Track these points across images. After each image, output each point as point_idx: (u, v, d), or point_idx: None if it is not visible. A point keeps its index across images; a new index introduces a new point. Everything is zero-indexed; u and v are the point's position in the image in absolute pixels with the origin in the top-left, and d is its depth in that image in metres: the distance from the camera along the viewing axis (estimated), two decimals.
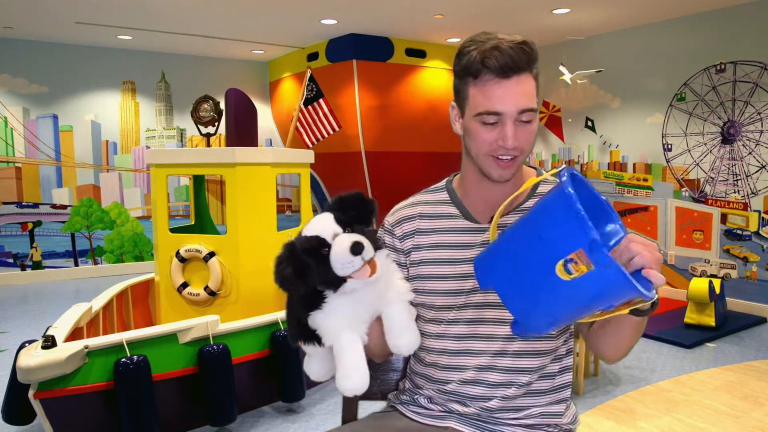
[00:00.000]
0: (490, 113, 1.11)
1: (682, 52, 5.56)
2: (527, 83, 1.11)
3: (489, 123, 1.12)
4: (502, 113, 1.10)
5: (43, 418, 2.41)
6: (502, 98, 1.10)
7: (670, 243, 5.77)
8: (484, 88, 1.11)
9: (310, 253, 1.02)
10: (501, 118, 1.11)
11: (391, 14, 5.58)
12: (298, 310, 1.12)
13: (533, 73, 1.12)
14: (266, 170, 3.58)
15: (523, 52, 1.08)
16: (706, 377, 3.66)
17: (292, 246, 1.05)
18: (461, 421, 1.22)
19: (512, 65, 1.08)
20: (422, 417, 1.27)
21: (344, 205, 1.08)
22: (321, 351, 1.13)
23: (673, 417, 3.08)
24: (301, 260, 1.02)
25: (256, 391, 3.09)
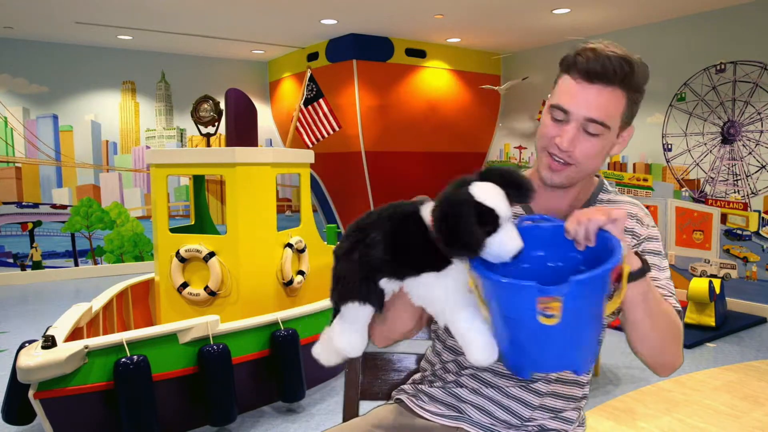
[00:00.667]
0: (559, 108, 1.11)
1: (682, 52, 5.56)
2: (611, 97, 1.08)
3: (557, 119, 1.12)
4: (569, 112, 1.09)
5: (43, 418, 2.41)
6: (576, 98, 1.09)
7: (670, 243, 5.78)
8: (566, 84, 1.11)
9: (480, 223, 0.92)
10: (567, 117, 1.10)
11: (391, 14, 5.58)
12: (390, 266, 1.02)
13: (626, 92, 1.09)
14: (266, 170, 3.58)
15: (619, 66, 1.06)
16: (706, 377, 3.66)
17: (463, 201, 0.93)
18: (474, 425, 1.21)
19: (600, 72, 1.06)
20: (435, 416, 1.24)
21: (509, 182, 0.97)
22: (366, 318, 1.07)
23: (673, 417, 3.09)
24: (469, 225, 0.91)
25: (256, 391, 3.09)
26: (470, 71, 7.19)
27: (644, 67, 1.11)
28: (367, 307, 1.06)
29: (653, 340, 1.07)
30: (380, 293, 1.06)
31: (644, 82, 1.12)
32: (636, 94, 1.11)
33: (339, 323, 1.11)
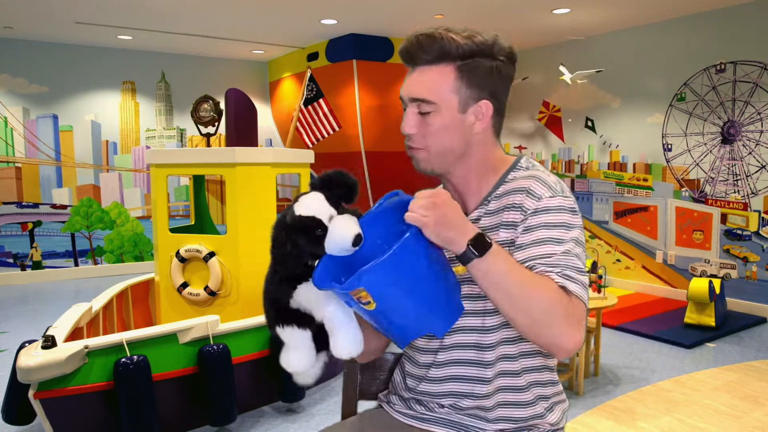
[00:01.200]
0: (401, 99, 1.16)
1: (682, 52, 5.56)
2: (434, 74, 1.11)
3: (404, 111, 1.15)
4: (403, 99, 1.15)
5: (43, 418, 2.41)
6: (405, 84, 1.15)
7: (670, 243, 5.78)
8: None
9: (306, 233, 1.03)
10: (405, 105, 1.15)
11: (391, 14, 5.58)
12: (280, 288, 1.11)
13: (452, 64, 1.10)
14: (266, 170, 3.58)
15: (428, 42, 1.09)
16: (706, 377, 3.66)
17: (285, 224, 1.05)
18: (445, 425, 1.22)
19: (412, 53, 1.12)
20: (407, 418, 1.28)
21: (332, 183, 1.09)
22: (300, 337, 1.12)
23: (673, 417, 3.09)
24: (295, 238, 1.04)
25: (256, 391, 3.09)
26: None
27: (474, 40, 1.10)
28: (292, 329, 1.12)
29: (521, 320, 1.01)
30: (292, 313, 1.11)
31: (476, 51, 1.10)
32: (470, 70, 1.10)
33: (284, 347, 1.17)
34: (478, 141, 1.17)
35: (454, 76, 1.11)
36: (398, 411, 1.31)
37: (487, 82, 1.13)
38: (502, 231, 1.13)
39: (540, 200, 1.10)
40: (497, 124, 1.19)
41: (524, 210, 1.11)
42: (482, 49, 1.11)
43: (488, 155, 1.19)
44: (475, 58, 1.11)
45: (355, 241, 1.02)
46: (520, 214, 1.11)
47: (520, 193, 1.13)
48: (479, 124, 1.15)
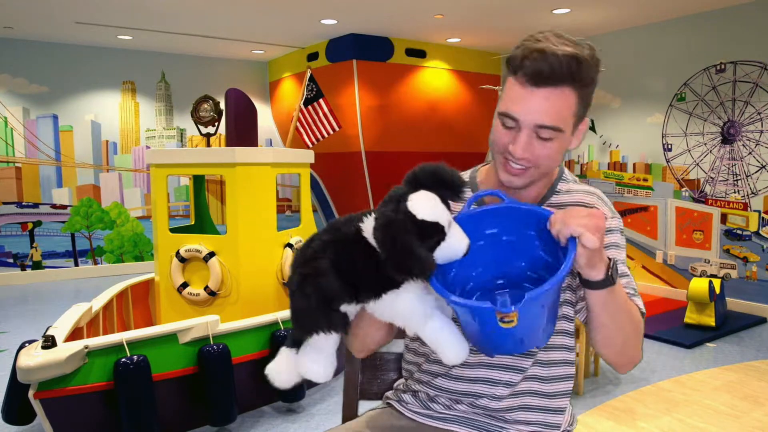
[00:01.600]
0: (508, 116, 1.06)
1: (682, 52, 5.56)
2: (560, 99, 1.03)
3: (508, 126, 1.08)
4: (519, 120, 1.05)
5: (43, 418, 2.41)
6: (525, 105, 1.04)
7: (670, 243, 5.78)
8: (514, 89, 1.06)
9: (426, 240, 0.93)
10: (518, 125, 1.06)
11: (391, 14, 5.58)
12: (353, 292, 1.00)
13: (576, 89, 1.04)
14: (266, 170, 3.58)
15: (567, 64, 1.00)
16: (706, 377, 3.66)
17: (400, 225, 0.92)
18: (464, 424, 1.22)
19: (548, 75, 1.01)
20: (423, 417, 1.26)
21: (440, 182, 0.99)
22: (333, 343, 1.07)
23: (673, 417, 3.08)
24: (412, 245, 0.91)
25: (256, 391, 3.09)
26: (470, 71, 7.19)
27: (593, 56, 1.05)
28: (332, 335, 1.05)
29: (616, 341, 1.08)
30: (343, 318, 1.04)
31: (596, 73, 1.07)
32: (587, 89, 1.07)
33: (308, 352, 1.09)
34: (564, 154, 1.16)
35: (576, 100, 1.05)
36: (412, 410, 1.28)
37: (591, 100, 1.10)
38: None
39: (606, 220, 1.12)
40: None
41: None
42: (597, 68, 1.07)
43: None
44: (594, 83, 1.07)
45: (466, 252, 0.97)
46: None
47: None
48: (576, 141, 1.12)
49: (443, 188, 0.99)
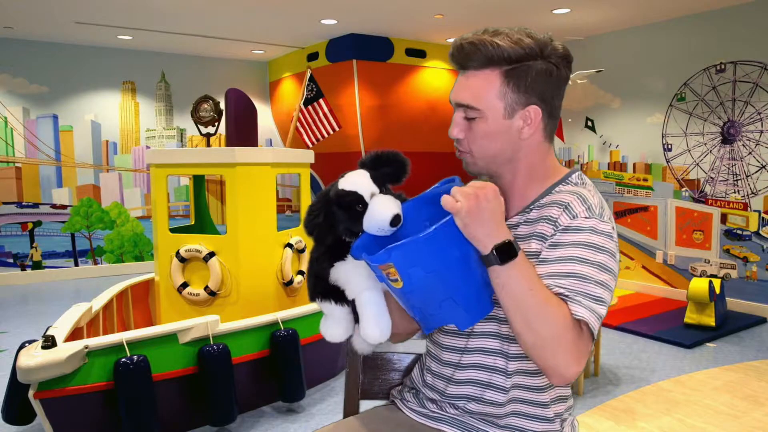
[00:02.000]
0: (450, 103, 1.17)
1: (682, 52, 5.56)
2: (479, 80, 1.10)
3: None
4: (452, 102, 1.15)
5: (43, 418, 2.41)
6: (454, 88, 1.15)
7: (670, 243, 5.78)
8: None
9: (345, 207, 1.05)
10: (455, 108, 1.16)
11: (391, 14, 5.58)
12: (321, 262, 1.14)
13: (499, 70, 1.08)
14: (266, 170, 3.58)
15: (476, 48, 1.08)
16: (706, 377, 3.66)
17: (326, 196, 1.08)
18: (453, 423, 1.23)
19: (461, 58, 1.11)
20: (419, 416, 1.28)
21: (380, 162, 1.11)
22: (338, 311, 1.16)
23: (673, 417, 3.08)
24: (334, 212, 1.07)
25: (256, 391, 3.09)
26: None
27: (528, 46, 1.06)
28: (330, 303, 1.16)
29: (526, 338, 1.00)
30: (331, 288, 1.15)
31: (524, 55, 1.07)
32: (513, 68, 1.07)
33: (323, 317, 1.22)
34: (528, 145, 1.14)
35: (500, 81, 1.09)
36: (410, 408, 1.30)
37: (535, 86, 1.10)
38: (533, 241, 1.11)
39: (575, 218, 1.08)
40: (548, 129, 1.16)
41: (557, 225, 1.08)
42: (530, 53, 1.08)
43: (539, 161, 1.17)
44: (523, 63, 1.08)
45: (393, 222, 1.04)
46: (552, 228, 1.09)
47: (558, 206, 1.10)
48: (528, 129, 1.12)
49: (383, 167, 1.11)
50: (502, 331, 1.15)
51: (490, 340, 1.17)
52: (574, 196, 1.11)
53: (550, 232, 1.09)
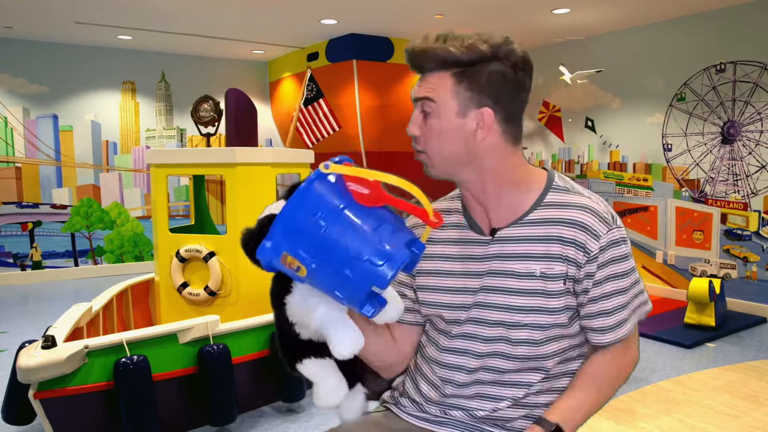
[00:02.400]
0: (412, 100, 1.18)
1: (682, 52, 5.56)
2: (434, 78, 1.13)
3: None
4: (411, 99, 1.18)
5: (43, 418, 2.41)
6: (413, 88, 1.18)
7: (670, 243, 5.78)
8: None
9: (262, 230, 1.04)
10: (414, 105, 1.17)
11: (391, 14, 5.58)
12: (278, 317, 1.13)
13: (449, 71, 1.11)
14: (266, 170, 3.58)
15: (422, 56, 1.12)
16: (706, 377, 3.66)
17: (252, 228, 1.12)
18: (456, 426, 1.22)
19: (413, 65, 1.15)
20: (419, 420, 1.26)
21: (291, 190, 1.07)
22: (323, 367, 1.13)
23: (673, 417, 3.08)
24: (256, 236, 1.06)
25: (256, 391, 3.08)
26: None
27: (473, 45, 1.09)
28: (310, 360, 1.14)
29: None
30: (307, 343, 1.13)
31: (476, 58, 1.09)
32: (464, 71, 1.10)
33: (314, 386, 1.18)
34: (486, 149, 1.14)
35: (452, 81, 1.11)
36: (409, 413, 1.29)
37: (489, 88, 1.10)
38: (557, 264, 1.14)
39: (599, 238, 1.13)
40: (510, 133, 1.15)
41: (587, 251, 1.13)
42: (482, 58, 1.09)
43: (505, 166, 1.16)
44: (475, 66, 1.09)
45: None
46: (581, 254, 1.13)
47: (573, 227, 1.13)
48: (482, 132, 1.12)
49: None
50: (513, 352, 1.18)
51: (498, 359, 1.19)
52: (584, 212, 1.14)
53: (581, 259, 1.13)
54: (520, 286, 1.14)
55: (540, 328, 1.15)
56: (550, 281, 1.13)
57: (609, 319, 1.16)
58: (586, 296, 1.15)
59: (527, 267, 1.14)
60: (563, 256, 1.13)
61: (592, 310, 1.16)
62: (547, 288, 1.13)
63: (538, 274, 1.13)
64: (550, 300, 1.13)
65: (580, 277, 1.14)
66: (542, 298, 1.13)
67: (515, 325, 1.15)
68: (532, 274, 1.14)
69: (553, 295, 1.13)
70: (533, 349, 1.16)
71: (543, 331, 1.15)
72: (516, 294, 1.15)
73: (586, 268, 1.13)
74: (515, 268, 1.15)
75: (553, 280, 1.13)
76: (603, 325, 1.17)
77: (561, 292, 1.13)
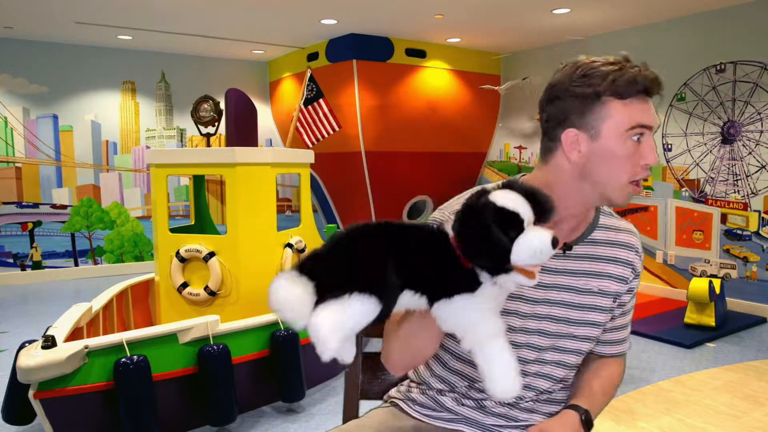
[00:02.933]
0: (643, 126, 1.10)
1: (682, 52, 5.56)
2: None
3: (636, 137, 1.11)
4: (651, 126, 1.12)
5: (43, 418, 2.41)
6: (653, 115, 1.13)
7: (670, 243, 5.78)
8: (633, 105, 1.11)
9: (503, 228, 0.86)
10: (647, 133, 1.12)
11: (391, 14, 5.58)
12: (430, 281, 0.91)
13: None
14: (266, 170, 3.58)
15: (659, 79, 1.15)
16: (706, 377, 3.66)
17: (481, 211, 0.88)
18: (471, 425, 1.22)
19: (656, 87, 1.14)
20: (431, 419, 1.26)
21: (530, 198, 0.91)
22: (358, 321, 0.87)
23: (673, 417, 3.09)
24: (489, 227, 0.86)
25: (256, 391, 3.09)
26: (470, 71, 7.19)
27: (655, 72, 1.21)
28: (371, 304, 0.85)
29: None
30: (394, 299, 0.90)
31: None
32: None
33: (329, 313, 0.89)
34: None
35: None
36: (419, 411, 1.28)
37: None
38: (612, 283, 1.23)
39: (641, 257, 1.29)
40: None
41: (635, 270, 1.26)
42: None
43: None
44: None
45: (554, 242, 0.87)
46: (631, 273, 1.25)
47: (623, 248, 1.25)
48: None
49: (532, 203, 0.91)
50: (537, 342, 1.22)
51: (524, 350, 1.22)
52: (631, 235, 1.29)
53: (631, 277, 1.26)
54: (578, 302, 1.21)
55: (588, 341, 1.24)
56: (603, 298, 1.22)
57: (625, 330, 1.31)
58: (621, 308, 1.28)
59: (587, 283, 1.21)
60: (617, 275, 1.23)
61: (621, 322, 1.29)
62: (598, 303, 1.22)
63: (596, 290, 1.21)
64: (599, 315, 1.22)
65: (624, 292, 1.25)
66: (594, 313, 1.22)
67: (567, 336, 1.22)
68: (590, 290, 1.21)
69: (602, 310, 1.22)
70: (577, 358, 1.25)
71: (590, 343, 1.24)
72: (574, 308, 1.21)
73: (630, 284, 1.26)
74: (578, 285, 1.21)
75: (606, 296, 1.22)
76: (621, 337, 1.30)
77: (607, 309, 1.23)
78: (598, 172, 1.12)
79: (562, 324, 1.20)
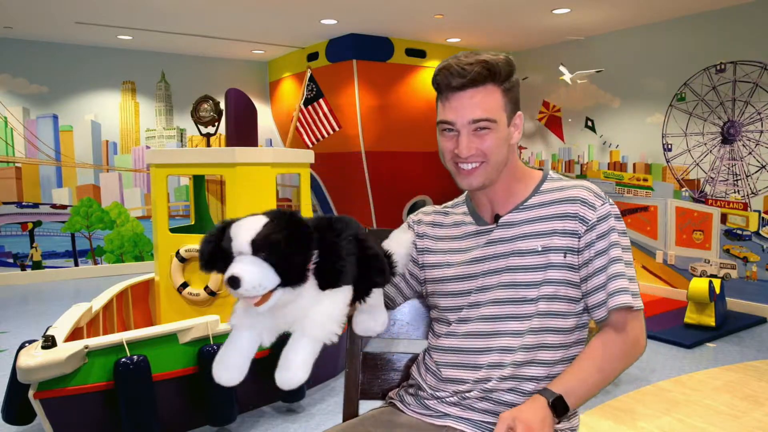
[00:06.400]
0: (446, 122, 1.22)
1: (682, 52, 5.56)
2: (485, 94, 1.19)
3: (445, 131, 1.23)
4: (455, 123, 1.20)
5: (43, 418, 2.41)
6: (456, 110, 1.20)
7: (670, 243, 5.78)
8: (443, 101, 1.22)
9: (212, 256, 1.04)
10: (455, 127, 1.21)
11: (391, 14, 5.58)
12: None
13: (498, 85, 1.20)
14: (266, 170, 3.58)
15: (480, 69, 1.17)
16: (706, 377, 3.66)
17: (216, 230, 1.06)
18: (459, 421, 1.24)
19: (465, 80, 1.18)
20: (422, 415, 1.29)
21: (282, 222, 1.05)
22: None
23: (673, 417, 3.09)
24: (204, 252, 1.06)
25: (256, 391, 3.09)
26: None
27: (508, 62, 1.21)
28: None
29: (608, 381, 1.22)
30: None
31: (511, 73, 1.22)
32: (507, 84, 1.22)
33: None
34: (512, 150, 1.28)
35: (501, 94, 1.21)
36: (413, 410, 1.31)
37: (517, 95, 1.26)
38: (557, 238, 1.22)
39: (595, 209, 1.23)
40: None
41: (585, 221, 1.22)
42: (513, 68, 1.23)
43: (517, 161, 1.31)
44: (512, 77, 1.23)
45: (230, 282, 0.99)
46: (579, 223, 1.22)
47: (568, 203, 1.24)
48: (517, 134, 1.27)
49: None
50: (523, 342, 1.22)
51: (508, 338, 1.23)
52: (579, 189, 1.25)
53: (581, 230, 1.22)
54: (523, 263, 1.22)
55: (547, 300, 1.21)
56: (551, 254, 1.21)
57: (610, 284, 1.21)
58: (588, 268, 1.21)
59: (529, 245, 1.23)
60: (563, 230, 1.22)
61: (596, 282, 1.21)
62: (549, 260, 1.21)
63: (540, 249, 1.22)
64: (552, 272, 1.20)
65: (580, 247, 1.22)
66: (544, 272, 1.21)
67: (522, 301, 1.22)
68: (534, 250, 1.22)
69: (554, 267, 1.21)
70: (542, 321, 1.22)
71: (549, 303, 1.21)
72: (521, 271, 1.22)
73: (585, 237, 1.21)
74: (518, 247, 1.23)
75: (554, 252, 1.21)
76: (600, 299, 1.21)
77: (562, 265, 1.21)
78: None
79: (515, 288, 1.22)
